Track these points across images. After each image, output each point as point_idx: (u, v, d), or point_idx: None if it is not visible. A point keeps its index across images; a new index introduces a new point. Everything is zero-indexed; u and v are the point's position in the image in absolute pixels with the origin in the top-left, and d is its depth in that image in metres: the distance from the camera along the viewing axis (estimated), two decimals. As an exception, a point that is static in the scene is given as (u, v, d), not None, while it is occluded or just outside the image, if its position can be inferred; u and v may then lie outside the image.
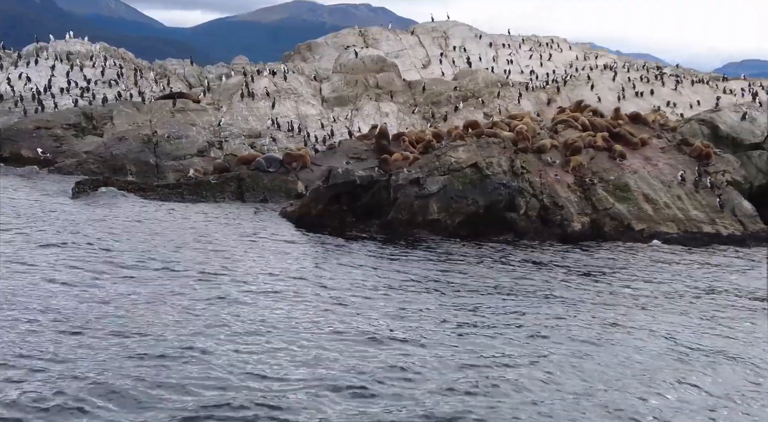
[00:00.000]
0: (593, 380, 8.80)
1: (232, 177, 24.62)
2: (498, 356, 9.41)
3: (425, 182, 20.82)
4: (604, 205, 21.91)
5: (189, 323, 9.98)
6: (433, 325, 10.65)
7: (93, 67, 41.50)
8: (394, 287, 13.11)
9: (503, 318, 11.31)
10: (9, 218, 17.47)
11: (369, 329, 10.21)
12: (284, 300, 11.58)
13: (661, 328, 11.23)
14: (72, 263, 12.90)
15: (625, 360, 9.61)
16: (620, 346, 10.16)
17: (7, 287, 11.10)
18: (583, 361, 9.43)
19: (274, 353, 8.95)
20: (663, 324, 11.48)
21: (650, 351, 10.06)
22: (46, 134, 30.71)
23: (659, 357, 9.81)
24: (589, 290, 13.93)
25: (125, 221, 17.82)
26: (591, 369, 9.15)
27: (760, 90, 53.41)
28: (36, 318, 9.75)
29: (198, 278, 12.55)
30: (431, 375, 8.55)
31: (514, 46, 59.67)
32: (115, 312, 10.22)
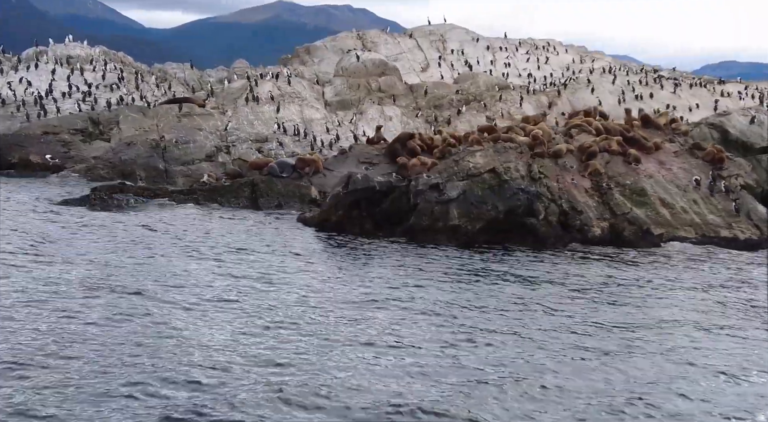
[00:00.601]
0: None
1: (245, 183, 24.46)
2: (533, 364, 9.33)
3: (445, 187, 20.73)
4: (622, 210, 21.89)
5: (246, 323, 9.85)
6: (471, 336, 10.52)
7: (93, 72, 41.18)
8: (426, 295, 12.98)
9: (539, 333, 11.20)
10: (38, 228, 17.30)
11: (414, 339, 10.10)
12: (317, 308, 11.46)
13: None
14: (117, 271, 12.76)
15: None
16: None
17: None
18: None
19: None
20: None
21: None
22: (54, 140, 30.44)
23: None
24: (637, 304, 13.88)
25: (150, 229, 17.66)
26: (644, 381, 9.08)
27: (756, 93, 53.80)
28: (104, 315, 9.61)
29: (232, 287, 12.43)
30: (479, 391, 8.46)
31: (511, 49, 59.76)
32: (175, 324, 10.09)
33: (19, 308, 10.35)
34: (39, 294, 11.13)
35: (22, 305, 10.48)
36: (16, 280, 11.91)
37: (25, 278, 12.04)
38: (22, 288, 11.41)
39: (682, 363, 9.72)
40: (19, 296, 10.97)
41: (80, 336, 9.32)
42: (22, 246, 14.66)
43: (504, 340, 10.35)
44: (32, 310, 10.29)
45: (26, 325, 9.61)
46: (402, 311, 11.66)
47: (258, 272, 13.86)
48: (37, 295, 11.07)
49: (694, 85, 52.07)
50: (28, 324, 9.64)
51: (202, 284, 12.55)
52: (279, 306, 11.37)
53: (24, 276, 12.20)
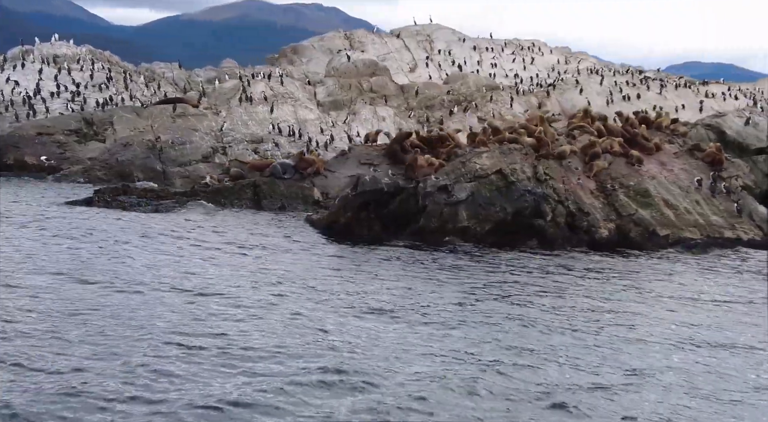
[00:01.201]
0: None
1: (247, 184, 24.26)
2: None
3: (453, 189, 20.65)
4: (628, 211, 21.94)
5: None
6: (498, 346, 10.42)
7: (81, 71, 40.70)
8: (444, 297, 12.88)
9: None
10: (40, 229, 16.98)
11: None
12: (337, 312, 11.31)
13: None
14: (140, 277, 12.52)
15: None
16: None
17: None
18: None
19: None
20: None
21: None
22: (49, 141, 29.98)
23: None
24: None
25: (162, 233, 17.41)
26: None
27: (738, 93, 54.49)
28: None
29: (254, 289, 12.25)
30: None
31: (497, 49, 60.07)
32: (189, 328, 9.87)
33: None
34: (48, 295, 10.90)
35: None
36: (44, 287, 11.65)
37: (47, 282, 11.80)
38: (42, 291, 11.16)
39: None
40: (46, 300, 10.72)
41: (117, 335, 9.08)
42: (41, 249, 14.38)
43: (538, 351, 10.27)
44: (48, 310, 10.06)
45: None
46: (423, 316, 11.54)
47: (277, 277, 13.63)
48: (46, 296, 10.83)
49: (680, 86, 52.62)
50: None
51: (224, 289, 12.33)
52: (302, 311, 11.17)
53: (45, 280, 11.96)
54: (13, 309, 10.06)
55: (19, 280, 11.71)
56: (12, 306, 10.20)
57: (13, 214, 18.49)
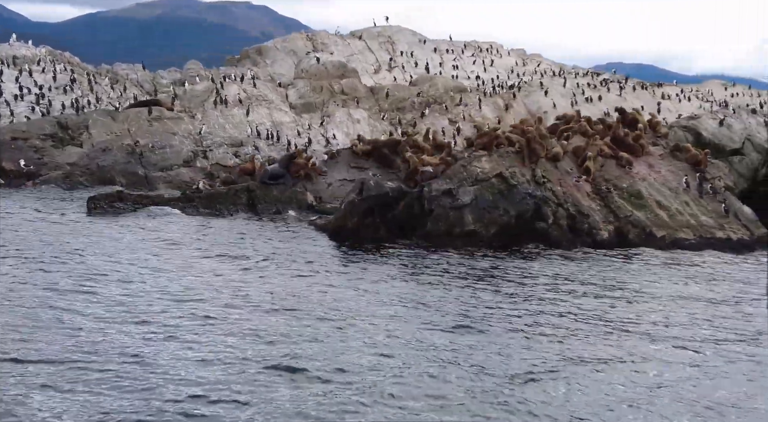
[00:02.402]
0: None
1: (241, 189, 23.92)
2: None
3: (457, 192, 20.70)
4: (624, 212, 22.32)
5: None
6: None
7: (43, 73, 39.50)
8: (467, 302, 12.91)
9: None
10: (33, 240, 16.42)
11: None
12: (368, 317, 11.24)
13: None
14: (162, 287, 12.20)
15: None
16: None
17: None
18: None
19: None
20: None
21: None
22: (25, 146, 28.96)
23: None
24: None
25: (167, 240, 17.02)
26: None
27: (690, 94, 56.02)
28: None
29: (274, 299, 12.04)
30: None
31: (457, 51, 60.42)
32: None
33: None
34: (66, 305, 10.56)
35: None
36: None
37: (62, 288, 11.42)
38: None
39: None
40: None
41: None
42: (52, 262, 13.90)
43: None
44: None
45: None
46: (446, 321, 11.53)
47: (296, 284, 13.38)
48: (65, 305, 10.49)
49: (637, 87, 53.80)
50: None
51: (245, 295, 12.09)
52: (327, 319, 10.99)
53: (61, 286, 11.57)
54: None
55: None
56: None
57: (21, 227, 17.79)
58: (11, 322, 9.74)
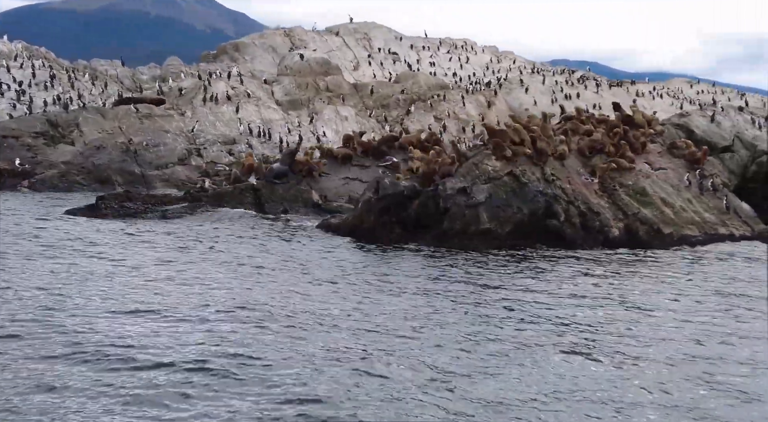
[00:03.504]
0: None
1: (246, 188, 23.63)
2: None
3: (472, 191, 20.67)
4: (632, 210, 22.47)
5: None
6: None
7: (21, 69, 38.53)
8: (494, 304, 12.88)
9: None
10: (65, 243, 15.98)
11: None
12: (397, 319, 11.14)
13: None
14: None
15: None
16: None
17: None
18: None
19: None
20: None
21: None
22: (17, 144, 28.18)
23: None
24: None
25: (188, 240, 16.71)
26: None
27: (663, 92, 56.97)
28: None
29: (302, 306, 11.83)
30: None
31: (433, 48, 60.55)
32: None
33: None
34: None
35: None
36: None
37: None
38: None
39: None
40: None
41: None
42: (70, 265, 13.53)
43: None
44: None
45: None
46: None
47: (324, 289, 13.07)
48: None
49: (614, 85, 54.53)
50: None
51: (278, 300, 11.85)
52: (366, 326, 10.81)
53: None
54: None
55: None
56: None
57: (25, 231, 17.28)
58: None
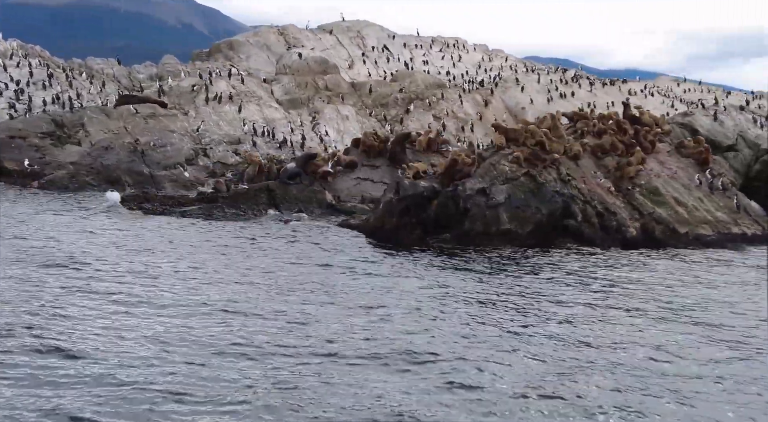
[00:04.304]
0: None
1: (260, 189, 23.49)
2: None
3: (491, 191, 20.65)
4: (647, 209, 22.56)
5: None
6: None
7: (18, 67, 38.01)
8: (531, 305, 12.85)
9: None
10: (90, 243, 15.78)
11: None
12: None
13: None
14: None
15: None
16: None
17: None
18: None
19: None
20: None
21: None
22: (25, 145, 27.78)
23: None
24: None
25: (219, 244, 16.57)
26: None
27: (654, 90, 57.26)
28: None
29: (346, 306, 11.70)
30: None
31: (425, 46, 60.46)
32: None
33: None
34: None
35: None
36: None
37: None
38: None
39: None
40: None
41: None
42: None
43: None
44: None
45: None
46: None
47: (370, 294, 12.93)
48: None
49: (606, 84, 54.74)
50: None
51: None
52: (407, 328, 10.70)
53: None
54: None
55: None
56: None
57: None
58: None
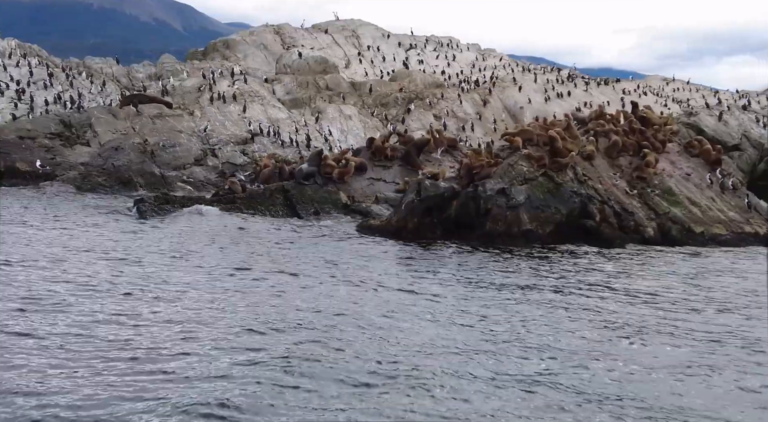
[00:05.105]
0: None
1: (276, 189, 23.35)
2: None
3: (511, 191, 20.64)
4: (663, 209, 22.63)
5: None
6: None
7: (17, 67, 37.56)
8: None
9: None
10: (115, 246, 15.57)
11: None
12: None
13: None
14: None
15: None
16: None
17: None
18: None
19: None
20: None
21: None
22: (35, 145, 27.43)
23: None
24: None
25: (234, 242, 16.43)
26: None
27: (647, 89, 57.52)
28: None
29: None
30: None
31: (420, 45, 60.39)
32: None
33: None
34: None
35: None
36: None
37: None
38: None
39: None
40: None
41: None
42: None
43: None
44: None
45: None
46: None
47: (411, 298, 12.70)
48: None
49: (601, 84, 54.91)
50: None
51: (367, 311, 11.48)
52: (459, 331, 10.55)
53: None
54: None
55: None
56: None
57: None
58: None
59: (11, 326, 8.77)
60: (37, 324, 8.86)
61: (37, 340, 8.27)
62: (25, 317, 9.20)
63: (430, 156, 27.96)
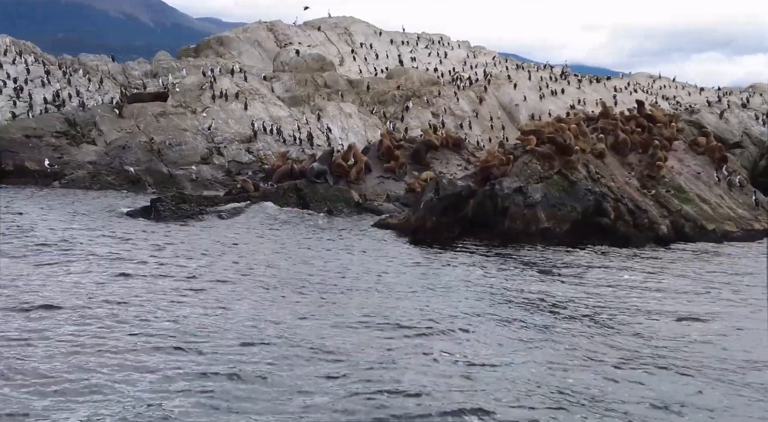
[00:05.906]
0: None
1: (290, 188, 23.17)
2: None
3: (527, 190, 20.58)
4: (675, 207, 22.66)
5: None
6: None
7: (13, 64, 36.98)
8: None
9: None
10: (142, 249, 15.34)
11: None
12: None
13: None
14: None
15: None
16: None
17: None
18: None
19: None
20: None
21: None
22: (42, 144, 26.99)
23: None
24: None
25: (252, 244, 16.26)
26: None
27: (636, 86, 57.73)
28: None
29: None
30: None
31: (412, 43, 60.21)
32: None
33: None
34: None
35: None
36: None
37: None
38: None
39: None
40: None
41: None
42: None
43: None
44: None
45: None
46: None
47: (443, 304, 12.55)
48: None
49: (593, 81, 55.08)
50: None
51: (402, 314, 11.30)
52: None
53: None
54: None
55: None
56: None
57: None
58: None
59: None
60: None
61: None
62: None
63: (438, 155, 27.86)
